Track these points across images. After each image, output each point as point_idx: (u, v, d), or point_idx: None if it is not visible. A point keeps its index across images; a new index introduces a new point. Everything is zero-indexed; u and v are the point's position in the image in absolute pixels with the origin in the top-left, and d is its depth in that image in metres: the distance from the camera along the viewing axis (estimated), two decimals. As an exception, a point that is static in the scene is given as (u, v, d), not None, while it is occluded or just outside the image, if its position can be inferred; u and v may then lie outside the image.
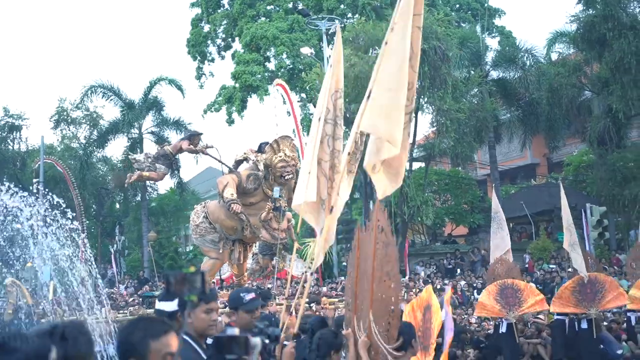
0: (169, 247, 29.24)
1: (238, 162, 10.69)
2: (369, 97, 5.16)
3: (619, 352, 12.71)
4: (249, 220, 9.67)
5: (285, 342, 4.53)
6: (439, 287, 17.60)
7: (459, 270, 23.37)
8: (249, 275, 12.35)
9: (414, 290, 15.56)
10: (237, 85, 32.99)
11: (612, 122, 22.69)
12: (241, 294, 4.75)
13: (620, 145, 23.76)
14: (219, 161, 10.71)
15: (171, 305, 3.65)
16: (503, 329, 12.94)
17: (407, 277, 19.77)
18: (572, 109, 24.89)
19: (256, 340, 2.74)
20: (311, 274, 8.28)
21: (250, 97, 33.96)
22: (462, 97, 23.31)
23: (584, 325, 12.21)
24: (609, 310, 13.67)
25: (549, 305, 13.07)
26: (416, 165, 28.30)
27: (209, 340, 3.62)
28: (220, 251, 10.17)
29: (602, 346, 12.77)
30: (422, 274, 21.99)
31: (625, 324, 13.63)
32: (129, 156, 11.19)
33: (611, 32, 21.53)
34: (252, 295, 4.76)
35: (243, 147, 11.17)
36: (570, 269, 15.22)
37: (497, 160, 27.74)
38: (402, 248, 22.82)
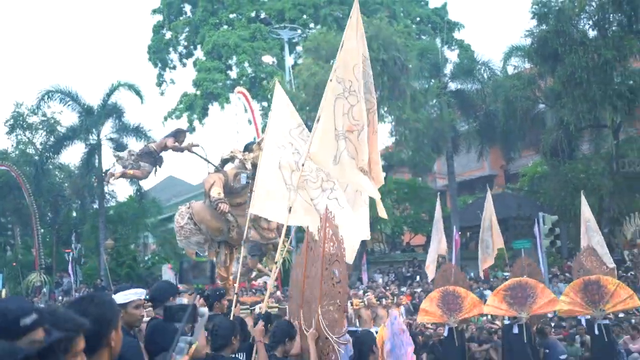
0: (127, 255, 28.80)
1: (224, 161, 10.47)
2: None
3: (563, 357, 13.14)
4: (236, 221, 9.34)
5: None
6: (396, 292, 17.95)
7: (418, 278, 23.70)
8: (234, 278, 12.12)
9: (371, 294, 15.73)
10: (198, 92, 32.94)
11: (564, 134, 23.40)
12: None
13: (571, 157, 24.56)
14: (205, 160, 10.46)
15: None
16: (445, 333, 13.41)
17: (365, 284, 20.02)
18: (526, 121, 25.60)
19: (204, 310, 2.93)
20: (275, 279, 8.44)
21: (212, 104, 33.93)
22: (421, 108, 23.78)
23: (515, 330, 12.63)
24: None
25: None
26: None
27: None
28: (206, 253, 9.95)
29: (546, 350, 13.20)
30: (380, 281, 22.27)
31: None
32: (113, 154, 10.81)
33: (563, 47, 22.27)
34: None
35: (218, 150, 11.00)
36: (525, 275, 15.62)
37: (454, 171, 28.32)
38: (360, 255, 23.07)
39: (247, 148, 10.31)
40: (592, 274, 13.36)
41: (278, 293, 17.40)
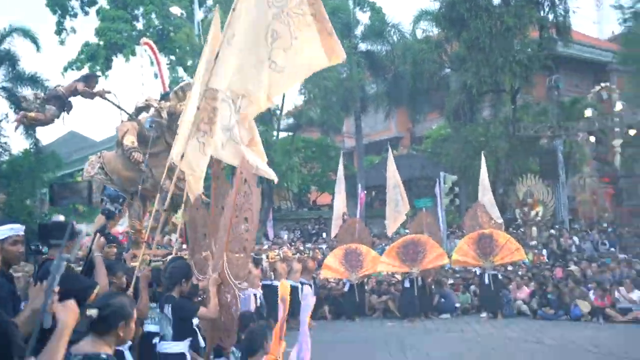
0: (22, 211, 27.27)
1: (139, 110, 9.88)
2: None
3: (457, 304, 13.99)
4: (151, 171, 8.83)
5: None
6: (301, 248, 18.21)
7: (324, 235, 24.07)
8: (147, 231, 11.59)
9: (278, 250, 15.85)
10: (101, 42, 31.24)
11: (466, 98, 24.27)
12: None
13: (473, 120, 25.57)
14: (118, 107, 9.79)
15: None
16: (346, 289, 13.89)
17: (270, 241, 20.17)
18: (432, 84, 26.31)
19: (81, 227, 2.82)
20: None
21: (116, 56, 32.33)
22: (331, 66, 23.81)
23: (407, 284, 13.32)
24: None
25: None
26: (284, 133, 28.62)
27: None
28: None
29: (442, 299, 13.98)
30: (285, 237, 22.47)
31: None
32: (18, 94, 9.90)
33: (469, 13, 22.89)
34: None
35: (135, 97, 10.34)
36: (427, 234, 16.28)
37: (362, 132, 28.75)
38: (267, 211, 23.15)
39: (164, 97, 9.91)
40: (482, 228, 14.18)
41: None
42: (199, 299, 5.80)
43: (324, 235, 23.99)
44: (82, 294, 3.81)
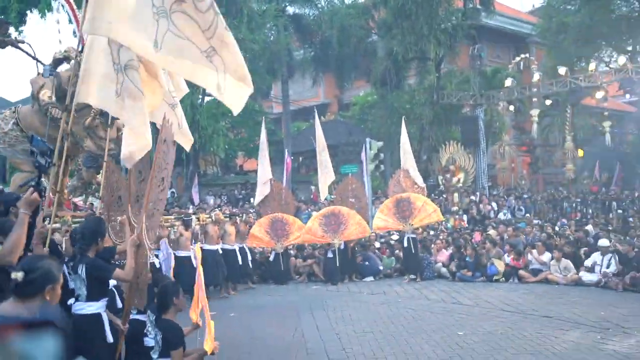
0: None
1: (57, 62, 9.08)
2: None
3: (380, 267, 14.29)
4: (70, 129, 8.20)
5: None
6: (227, 213, 17.98)
7: (252, 200, 23.86)
8: (69, 191, 11.04)
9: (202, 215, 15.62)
10: (13, -7, 29.22)
11: (392, 65, 24.47)
12: None
13: (399, 87, 25.85)
14: (34, 58, 8.99)
15: None
16: (272, 258, 13.93)
17: (195, 206, 19.83)
18: (359, 50, 26.33)
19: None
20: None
21: (31, 11, 30.41)
22: (258, 30, 23.35)
23: (330, 255, 13.54)
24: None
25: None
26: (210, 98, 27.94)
27: None
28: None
29: (366, 263, 14.23)
30: (212, 202, 22.17)
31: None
32: None
33: (396, -22, 22.92)
34: None
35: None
36: (352, 199, 16.44)
37: (290, 97, 28.54)
38: (192, 176, 22.72)
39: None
40: (405, 192, 14.48)
41: None
42: (116, 263, 5.63)
43: (251, 200, 23.80)
44: None
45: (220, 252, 12.21)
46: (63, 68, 9.56)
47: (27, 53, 9.11)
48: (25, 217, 3.49)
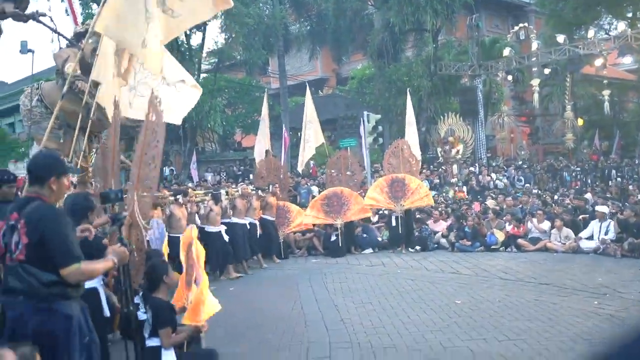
0: None
1: (79, 35, 8.84)
2: None
3: (379, 239, 14.35)
4: (96, 103, 7.49)
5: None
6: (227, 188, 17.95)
7: (251, 176, 23.84)
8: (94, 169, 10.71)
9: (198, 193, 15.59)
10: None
11: (389, 36, 24.24)
12: None
13: (396, 59, 25.64)
14: (55, 31, 8.67)
15: None
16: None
17: (195, 183, 19.81)
18: (355, 22, 26.06)
19: None
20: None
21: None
22: (252, 4, 23.10)
23: (333, 238, 13.57)
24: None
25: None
26: (205, 75, 27.78)
27: None
28: (61, 141, 8.33)
29: (365, 235, 14.29)
30: (210, 179, 22.16)
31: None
32: None
33: (393, -52, 22.60)
34: None
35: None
36: (349, 172, 16.42)
37: (287, 72, 28.35)
38: (191, 153, 22.68)
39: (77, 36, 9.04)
40: (404, 164, 14.47)
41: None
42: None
43: (250, 176, 23.78)
44: None
45: (248, 226, 12.19)
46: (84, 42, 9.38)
47: (48, 27, 8.80)
48: (112, 264, 3.63)
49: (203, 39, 22.92)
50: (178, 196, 10.44)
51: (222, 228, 11.24)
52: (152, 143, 5.44)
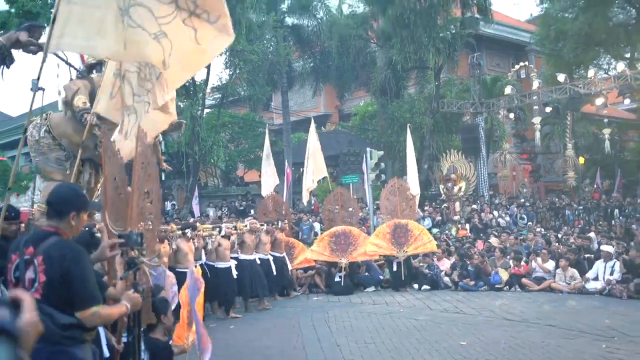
0: None
1: (90, 67, 8.94)
2: None
3: (381, 277, 14.22)
4: (105, 135, 7.78)
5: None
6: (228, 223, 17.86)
7: (252, 212, 23.78)
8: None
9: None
10: (12, 10, 29.36)
11: (392, 74, 24.49)
12: None
13: (398, 96, 25.86)
14: (67, 63, 8.70)
15: None
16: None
17: (196, 218, 19.73)
18: (359, 60, 26.37)
19: None
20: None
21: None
22: (257, 41, 23.41)
23: (337, 278, 13.47)
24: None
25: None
26: (209, 111, 28.00)
27: None
28: (67, 172, 8.26)
29: (367, 273, 14.18)
30: (212, 214, 22.08)
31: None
32: None
33: (393, -12, 22.98)
34: None
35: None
36: (351, 208, 16.43)
37: (290, 108, 28.58)
38: (193, 188, 22.66)
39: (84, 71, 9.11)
40: (397, 203, 14.54)
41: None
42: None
43: (252, 212, 23.72)
44: None
45: (258, 262, 12.06)
46: (96, 74, 9.44)
47: (60, 58, 8.84)
48: (125, 310, 3.49)
49: (207, 74, 23.16)
50: (187, 230, 10.32)
51: (233, 263, 11.09)
52: (142, 177, 5.44)
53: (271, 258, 12.51)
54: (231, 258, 11.25)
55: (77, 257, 3.15)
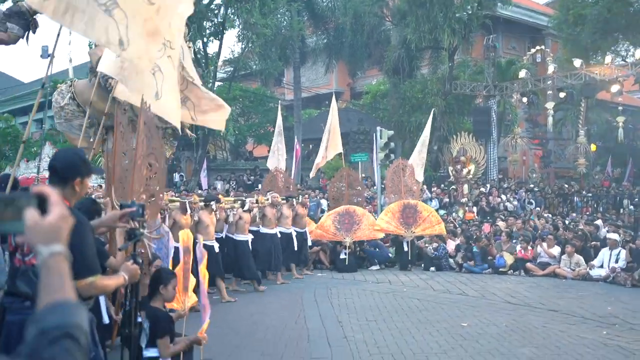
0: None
1: None
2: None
3: (390, 255, 14.27)
4: (129, 102, 7.66)
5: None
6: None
7: (259, 186, 23.78)
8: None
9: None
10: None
11: (405, 53, 24.25)
12: None
13: (411, 76, 25.63)
14: None
15: None
16: None
17: (204, 190, 19.83)
18: (372, 38, 26.10)
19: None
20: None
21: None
22: (270, 14, 23.19)
23: (342, 255, 13.47)
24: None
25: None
26: (220, 84, 27.88)
27: None
28: (91, 139, 8.08)
29: (377, 249, 14.23)
30: (219, 187, 22.13)
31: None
32: None
33: (410, -34, 22.68)
34: None
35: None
36: (359, 187, 16.46)
37: (302, 84, 28.42)
38: (201, 160, 22.69)
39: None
40: (400, 184, 14.54)
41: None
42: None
43: (259, 186, 23.73)
44: None
45: (279, 235, 12.09)
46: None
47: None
48: (123, 281, 3.46)
49: (220, 46, 23.01)
50: (211, 202, 10.28)
51: (250, 237, 11.05)
52: (145, 150, 5.45)
53: (294, 233, 12.51)
54: (251, 231, 11.20)
55: (77, 226, 3.13)
